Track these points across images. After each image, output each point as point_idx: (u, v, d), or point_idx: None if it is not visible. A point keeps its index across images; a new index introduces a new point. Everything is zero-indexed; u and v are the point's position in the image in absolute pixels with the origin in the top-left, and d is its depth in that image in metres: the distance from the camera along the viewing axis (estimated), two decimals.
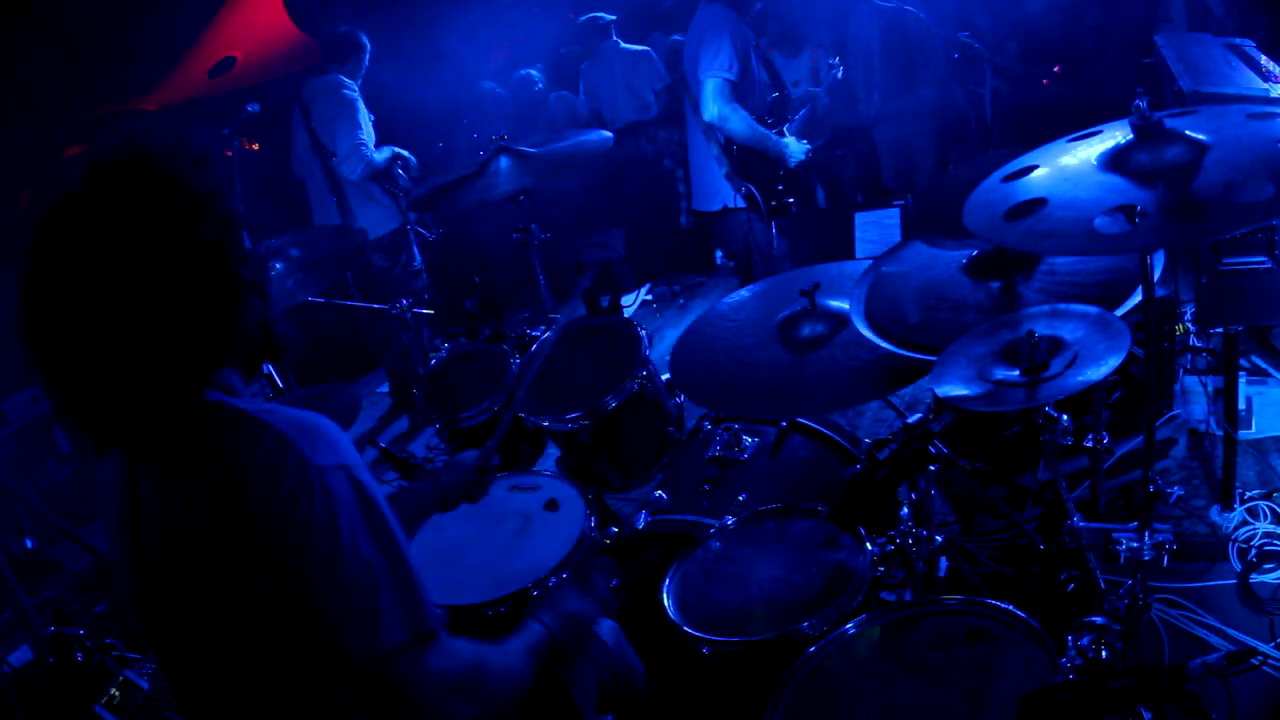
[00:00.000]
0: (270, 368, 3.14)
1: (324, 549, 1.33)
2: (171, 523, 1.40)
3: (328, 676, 1.39)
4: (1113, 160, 1.80)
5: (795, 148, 4.51)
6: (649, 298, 6.65)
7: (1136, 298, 2.00)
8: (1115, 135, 1.87)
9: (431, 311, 3.99)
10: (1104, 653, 1.82)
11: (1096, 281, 2.16)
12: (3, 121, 5.15)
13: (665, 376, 2.86)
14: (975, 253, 2.33)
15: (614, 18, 6.71)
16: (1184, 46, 3.49)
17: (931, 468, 1.98)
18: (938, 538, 2.13)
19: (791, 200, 4.60)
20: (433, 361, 3.45)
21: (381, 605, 1.35)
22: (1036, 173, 1.91)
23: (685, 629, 2.03)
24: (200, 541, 1.38)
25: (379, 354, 5.61)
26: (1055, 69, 6.52)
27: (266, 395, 3.14)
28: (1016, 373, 1.90)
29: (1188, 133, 1.77)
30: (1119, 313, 1.97)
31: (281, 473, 1.33)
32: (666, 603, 2.12)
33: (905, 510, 2.12)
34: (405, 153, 5.16)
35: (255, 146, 6.23)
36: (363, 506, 1.37)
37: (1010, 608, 1.74)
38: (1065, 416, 2.08)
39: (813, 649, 1.84)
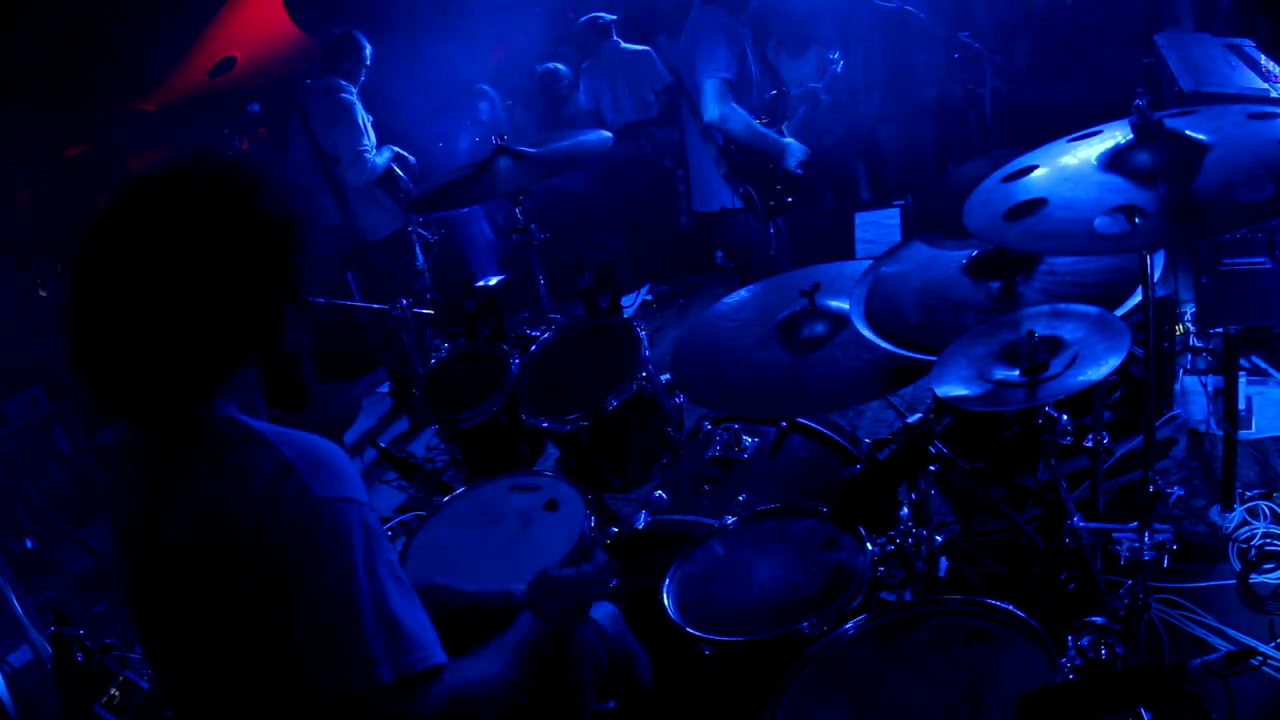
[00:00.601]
0: None
1: (314, 581, 1.32)
2: (170, 524, 1.40)
3: (306, 705, 1.37)
4: (1113, 160, 1.80)
5: (795, 147, 4.51)
6: (649, 298, 6.64)
7: (1136, 298, 2.00)
8: (1115, 135, 1.87)
9: (431, 311, 3.98)
10: (1104, 653, 1.82)
11: (1096, 281, 2.16)
12: (3, 121, 5.15)
13: (665, 377, 2.86)
14: (975, 253, 2.33)
15: (614, 18, 6.70)
16: (1184, 46, 3.50)
17: (931, 468, 1.98)
18: (938, 538, 2.12)
19: (790, 200, 4.60)
20: (433, 361, 3.45)
21: (367, 645, 1.32)
22: (1036, 173, 1.91)
23: (686, 629, 2.02)
24: (194, 549, 1.37)
25: (379, 354, 5.60)
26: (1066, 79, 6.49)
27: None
28: (1016, 373, 1.90)
29: (1188, 133, 1.77)
30: (1119, 313, 1.97)
31: (281, 500, 1.32)
32: (667, 603, 2.12)
33: (905, 510, 2.12)
34: (404, 152, 5.16)
35: None
36: (361, 541, 1.35)
37: (1010, 608, 1.74)
38: (1065, 416, 2.07)
39: (813, 649, 1.84)
